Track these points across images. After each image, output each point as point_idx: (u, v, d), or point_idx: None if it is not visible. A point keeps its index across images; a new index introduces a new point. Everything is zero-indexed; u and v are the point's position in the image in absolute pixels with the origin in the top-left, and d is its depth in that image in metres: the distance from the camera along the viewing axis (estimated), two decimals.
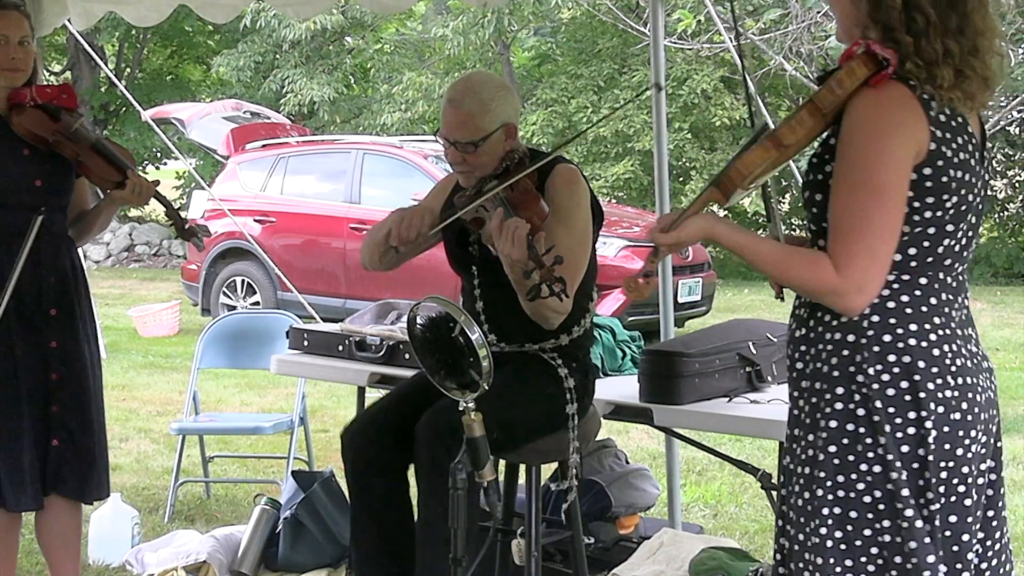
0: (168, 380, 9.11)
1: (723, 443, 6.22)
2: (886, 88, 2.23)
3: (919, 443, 2.23)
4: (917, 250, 2.27)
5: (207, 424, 5.75)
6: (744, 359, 3.97)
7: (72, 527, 3.93)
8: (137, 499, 5.56)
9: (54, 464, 3.76)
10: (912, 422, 2.24)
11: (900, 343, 2.25)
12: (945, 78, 2.22)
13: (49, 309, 3.76)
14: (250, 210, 11.56)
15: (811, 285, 2.26)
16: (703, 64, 16.63)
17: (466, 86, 3.46)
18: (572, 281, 3.30)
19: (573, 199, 3.41)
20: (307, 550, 4.55)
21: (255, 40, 19.86)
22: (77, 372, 3.80)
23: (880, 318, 2.26)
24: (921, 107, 2.22)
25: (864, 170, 2.21)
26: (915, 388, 2.23)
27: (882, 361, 2.25)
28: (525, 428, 3.43)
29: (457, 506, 2.65)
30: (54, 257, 3.78)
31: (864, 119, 2.23)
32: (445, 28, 18.17)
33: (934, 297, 2.28)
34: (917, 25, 2.22)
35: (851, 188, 2.22)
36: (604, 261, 10.14)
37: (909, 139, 2.21)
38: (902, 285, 2.27)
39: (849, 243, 2.21)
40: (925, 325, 2.26)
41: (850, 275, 2.21)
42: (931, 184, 2.23)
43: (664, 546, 4.29)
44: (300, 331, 4.81)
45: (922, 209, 2.24)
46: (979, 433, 2.29)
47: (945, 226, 2.27)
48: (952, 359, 2.26)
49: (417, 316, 2.73)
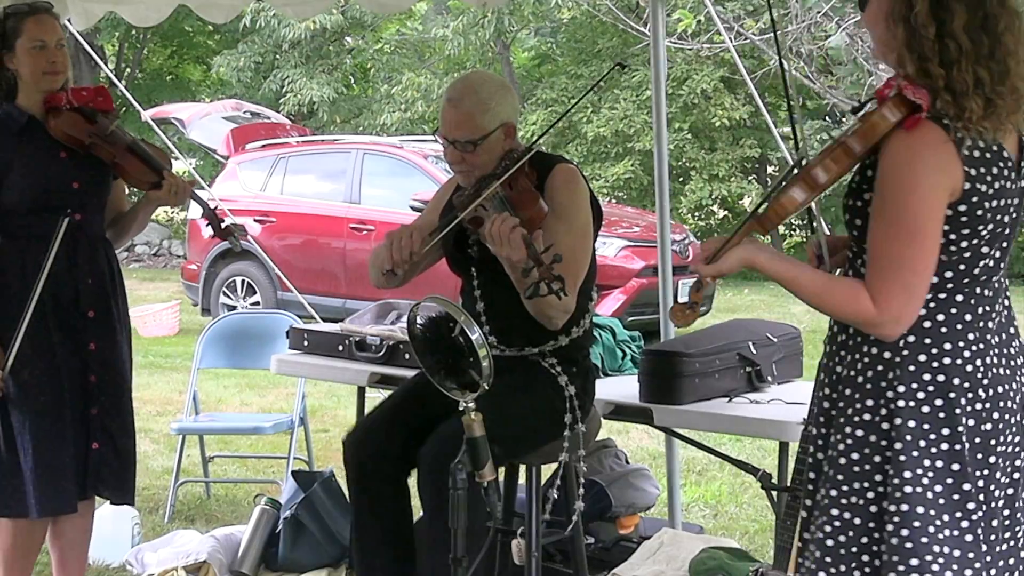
0: (168, 380, 9.10)
1: (723, 443, 6.22)
2: (919, 130, 2.26)
3: (953, 458, 2.29)
4: (954, 273, 2.32)
5: (207, 424, 5.75)
6: (744, 359, 3.97)
7: (85, 530, 3.94)
8: (137, 499, 5.51)
9: (94, 466, 3.76)
10: (946, 438, 2.29)
11: (935, 363, 2.31)
12: (975, 111, 2.25)
13: (87, 311, 3.76)
14: (250, 210, 11.55)
15: (850, 317, 2.34)
16: (703, 64, 16.62)
17: (465, 85, 3.46)
18: (574, 280, 3.30)
19: (573, 198, 3.41)
20: (307, 550, 4.54)
21: (255, 40, 19.85)
22: (115, 374, 3.82)
23: (916, 338, 2.32)
24: (955, 148, 2.26)
25: (900, 212, 2.27)
26: (950, 406, 2.29)
27: (917, 380, 2.31)
28: (526, 443, 3.44)
29: (457, 506, 2.65)
30: (91, 259, 3.79)
31: (899, 163, 2.27)
32: (445, 28, 18.18)
33: (970, 313, 2.33)
34: (950, 54, 2.25)
35: (886, 228, 2.28)
36: (604, 261, 10.15)
37: (943, 181, 2.25)
38: (939, 304, 2.32)
39: (886, 281, 2.28)
40: (959, 343, 2.31)
41: (886, 309, 2.28)
42: (967, 219, 2.28)
43: (664, 546, 4.29)
44: (300, 331, 4.81)
45: (958, 240, 2.30)
46: (1011, 435, 2.34)
47: (981, 249, 2.32)
48: (985, 371, 2.32)
49: (417, 316, 2.73)
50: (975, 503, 2.29)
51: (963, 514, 2.29)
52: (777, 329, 4.21)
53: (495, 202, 3.23)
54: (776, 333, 4.15)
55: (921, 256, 2.27)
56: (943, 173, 2.26)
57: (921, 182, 2.25)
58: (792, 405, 3.75)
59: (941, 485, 2.29)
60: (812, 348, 4.18)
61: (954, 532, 2.29)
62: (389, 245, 3.37)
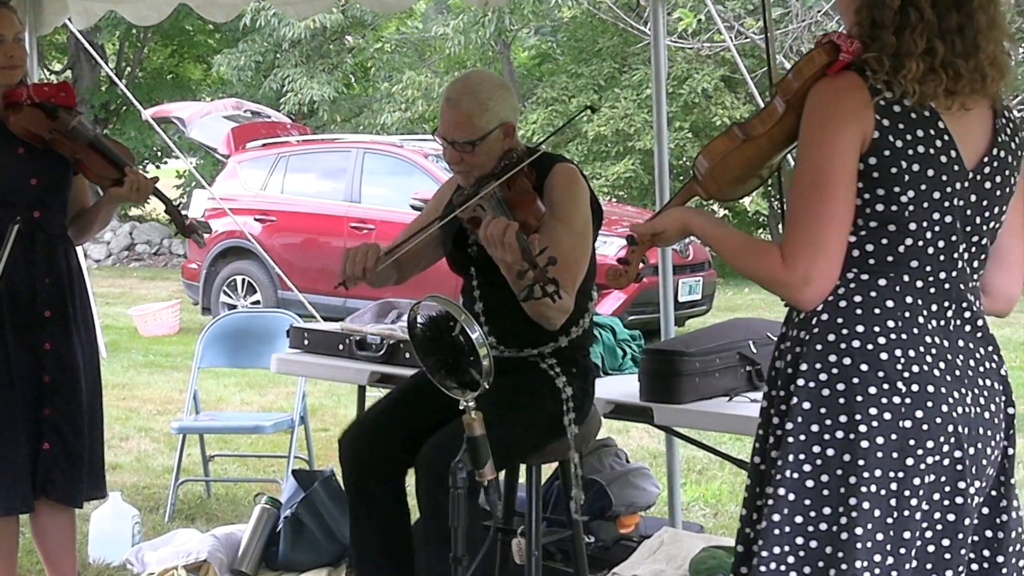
0: (168, 379, 9.10)
1: (723, 442, 6.22)
2: (837, 76, 2.22)
3: (846, 448, 2.17)
4: (875, 247, 2.22)
5: (207, 423, 5.75)
6: (744, 358, 3.96)
7: (67, 529, 3.92)
8: (137, 498, 5.56)
9: (44, 467, 3.73)
10: (842, 426, 2.18)
11: (843, 344, 2.20)
12: (911, 70, 2.17)
13: (43, 311, 3.73)
14: (250, 209, 11.56)
15: (763, 276, 2.26)
16: (703, 63, 16.62)
17: (464, 85, 3.45)
18: (573, 280, 3.30)
19: (572, 198, 3.41)
20: (308, 549, 4.55)
21: (255, 39, 19.84)
22: (70, 375, 3.77)
23: (829, 317, 2.23)
24: (869, 94, 2.19)
25: (809, 159, 2.20)
26: (852, 391, 2.18)
27: (821, 360, 2.21)
28: (523, 448, 3.44)
29: (457, 505, 2.65)
30: (49, 258, 3.75)
31: (812, 108, 2.22)
32: (445, 27, 18.17)
33: (892, 300, 2.21)
34: (909, 20, 2.19)
35: (799, 178, 2.21)
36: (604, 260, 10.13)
37: (852, 127, 2.17)
38: (859, 284, 2.23)
39: (794, 234, 2.20)
40: (875, 328, 2.20)
41: (794, 266, 2.19)
42: (878, 175, 2.19)
43: (664, 545, 4.29)
44: (300, 330, 4.81)
45: (872, 201, 2.20)
46: (950, 447, 2.19)
47: (906, 224, 2.20)
48: (907, 365, 2.19)
49: (417, 315, 2.73)
50: (870, 501, 2.16)
51: (844, 508, 2.16)
52: (778, 328, 4.19)
53: (492, 203, 3.23)
54: (777, 332, 4.14)
55: (831, 208, 2.16)
56: (852, 119, 2.17)
57: (827, 127, 2.18)
58: None
59: (827, 475, 2.17)
60: None
61: (833, 527, 2.17)
62: (344, 259, 3.39)
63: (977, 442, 2.24)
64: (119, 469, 6.25)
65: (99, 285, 14.13)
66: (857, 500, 2.16)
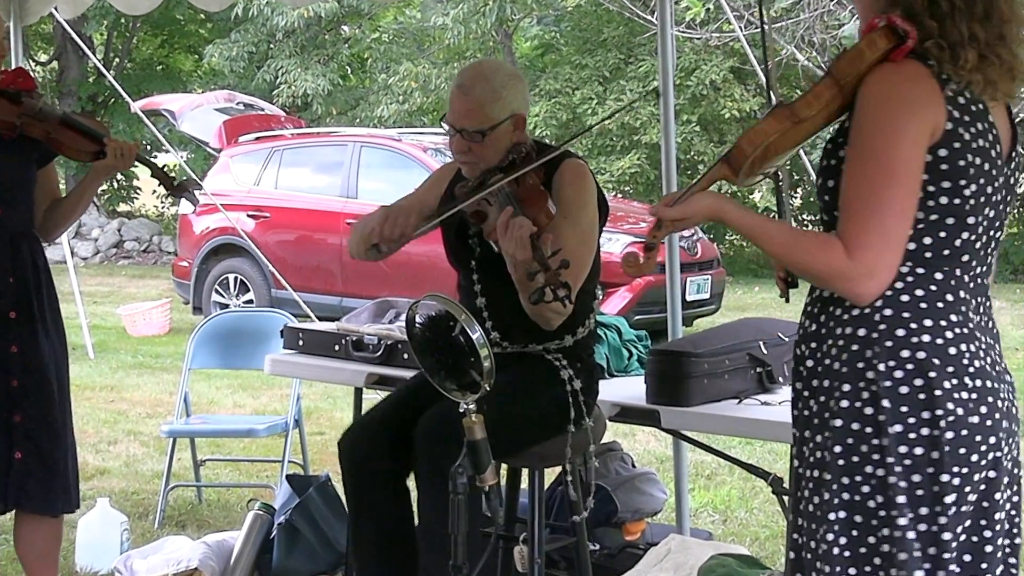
0: (158, 381, 9.11)
1: (733, 446, 6.22)
2: (903, 64, 2.21)
3: (932, 444, 2.19)
4: (933, 240, 2.22)
5: (199, 426, 5.75)
6: (755, 359, 3.96)
7: (49, 538, 3.90)
8: (126, 504, 5.56)
9: (18, 478, 3.69)
10: (926, 422, 2.19)
11: (914, 338, 2.21)
12: (968, 60, 2.19)
13: (8, 312, 3.69)
14: (243, 205, 11.56)
15: (820, 268, 2.22)
16: (712, 54, 16.62)
17: (477, 72, 3.47)
18: (576, 281, 3.30)
19: (580, 196, 3.42)
20: (302, 557, 4.55)
21: (248, 29, 19.86)
22: (39, 378, 3.73)
23: (893, 312, 2.22)
24: (938, 84, 2.19)
25: (876, 148, 2.18)
26: (930, 386, 2.19)
27: (894, 357, 2.21)
28: (527, 435, 3.44)
29: (457, 511, 2.65)
30: (13, 256, 3.71)
31: (878, 94, 2.20)
32: (445, 16, 18.17)
33: (951, 294, 2.24)
34: (941, 9, 2.21)
35: (863, 167, 2.19)
36: (610, 258, 10.14)
37: (924, 117, 2.18)
38: (917, 278, 2.23)
39: (861, 224, 2.17)
40: (941, 321, 2.22)
41: (861, 258, 2.17)
42: (947, 167, 2.20)
43: (672, 553, 4.29)
44: (295, 330, 4.81)
45: (937, 194, 2.20)
46: (999, 440, 2.25)
47: (965, 217, 2.23)
48: (971, 359, 2.22)
49: (416, 315, 2.73)
50: (952, 496, 2.19)
51: (941, 508, 2.19)
52: (789, 328, 4.20)
53: (500, 197, 3.23)
54: (788, 332, 4.15)
55: (899, 198, 2.16)
56: (924, 108, 2.17)
57: (900, 115, 2.17)
58: None
59: (920, 475, 2.19)
60: None
61: (932, 528, 2.20)
62: (383, 219, 3.38)
63: (1011, 437, 2.30)
64: (107, 474, 6.26)
65: (86, 283, 14.15)
66: (952, 497, 2.21)
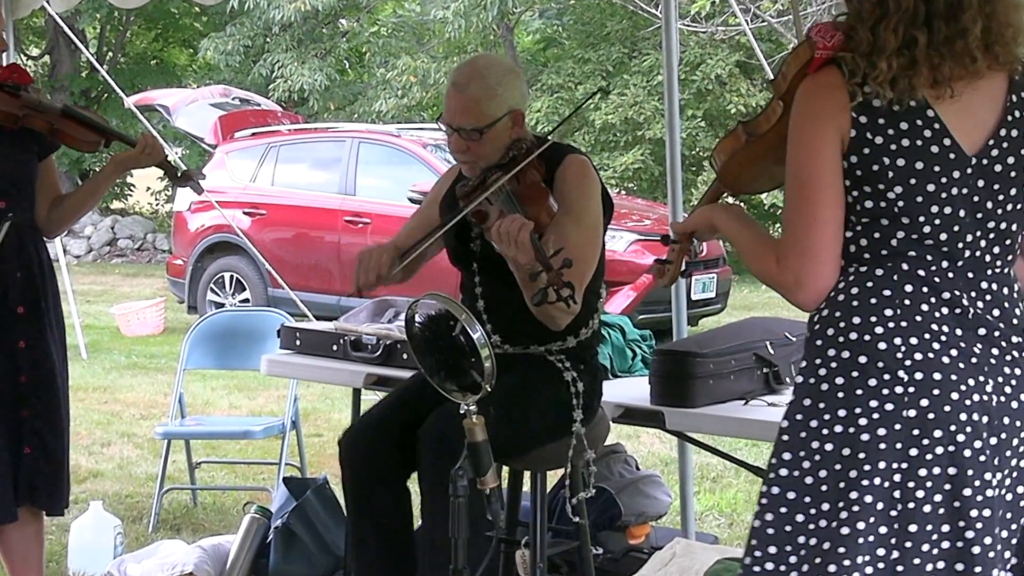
0: (152, 382, 9.11)
1: (739, 448, 6.22)
2: (818, 74, 2.27)
3: (845, 442, 2.22)
4: (868, 241, 2.28)
5: (194, 428, 5.76)
6: (761, 360, 3.96)
7: (35, 539, 3.90)
8: (120, 507, 5.57)
9: (27, 473, 3.73)
10: (840, 420, 2.23)
11: (840, 337, 2.27)
12: (883, 72, 2.20)
13: (16, 307, 3.72)
14: (239, 202, 11.56)
15: (762, 276, 2.36)
16: (718, 48, 16.63)
17: (472, 69, 3.46)
18: (581, 280, 3.30)
19: (584, 192, 3.41)
20: (299, 561, 4.55)
21: (244, 23, 19.86)
22: (46, 374, 3.77)
23: (828, 312, 2.30)
24: (847, 92, 2.23)
25: (794, 161, 2.29)
26: (851, 385, 2.24)
27: (821, 355, 2.28)
28: (530, 437, 3.43)
29: (458, 514, 2.65)
30: (19, 251, 3.74)
31: (795, 107, 2.29)
32: (445, 10, 18.16)
33: (889, 289, 2.26)
34: (887, 10, 2.21)
35: (787, 180, 2.30)
36: (614, 256, 10.14)
37: (829, 126, 2.24)
38: (857, 277, 2.29)
39: (785, 237, 2.30)
40: (871, 318, 2.25)
41: (785, 268, 2.29)
42: (861, 173, 2.24)
43: (676, 557, 4.29)
44: (292, 330, 4.81)
45: (860, 199, 2.26)
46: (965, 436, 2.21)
47: (897, 217, 2.25)
48: (907, 353, 2.23)
49: (416, 314, 2.73)
50: (872, 494, 2.20)
51: (845, 503, 2.21)
52: (796, 328, 4.20)
53: (501, 196, 3.23)
54: (795, 332, 4.15)
55: (811, 210, 2.25)
56: (828, 119, 2.24)
57: (806, 128, 2.25)
58: None
59: (826, 470, 2.23)
60: None
61: (832, 523, 2.22)
62: (358, 264, 3.44)
63: (1000, 432, 2.26)
64: (100, 477, 6.26)
65: (79, 282, 14.15)
66: (858, 494, 2.22)
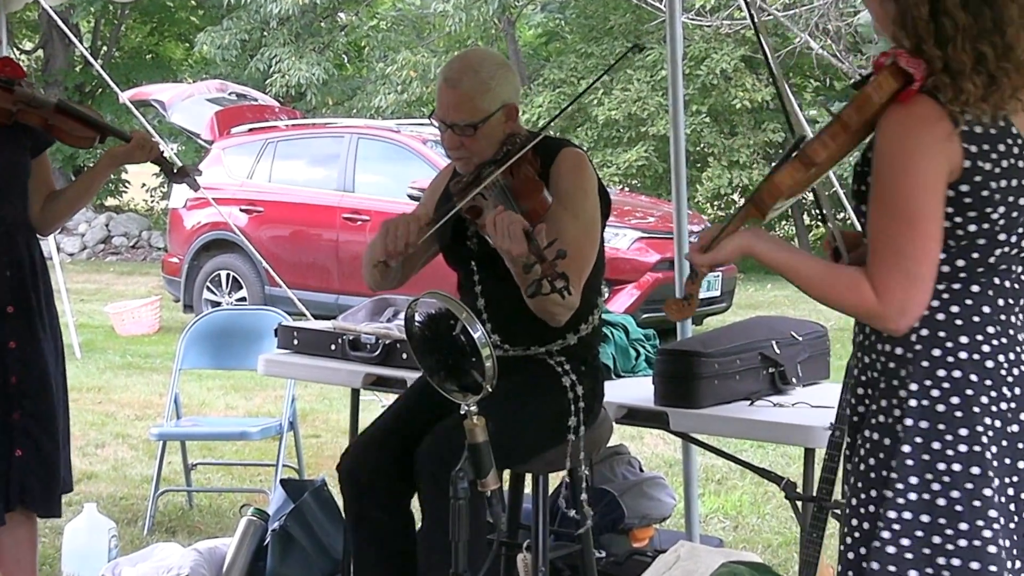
0: (148, 382, 9.12)
1: (744, 450, 6.23)
2: (913, 104, 2.25)
3: (972, 461, 2.26)
4: (966, 261, 2.30)
5: (189, 429, 5.76)
6: (767, 359, 3.96)
7: (28, 542, 3.91)
8: (114, 510, 5.57)
9: (18, 476, 3.72)
10: (964, 439, 2.27)
11: (950, 357, 2.29)
12: (972, 92, 2.22)
13: (6, 306, 3.71)
14: (236, 199, 11.56)
15: (853, 309, 2.32)
16: (723, 42, 16.62)
17: (463, 64, 3.46)
18: (580, 274, 3.30)
19: (580, 185, 3.41)
20: (297, 564, 4.55)
21: (241, 16, 19.86)
22: (38, 375, 3.75)
23: (929, 331, 2.30)
24: (951, 122, 2.23)
25: (895, 196, 2.26)
26: (968, 404, 2.27)
27: (931, 377, 2.29)
28: (531, 441, 3.43)
29: (458, 517, 2.65)
30: (9, 249, 3.73)
31: (892, 140, 2.26)
32: (445, 3, 18.18)
33: (988, 305, 2.30)
34: (946, 32, 2.23)
35: (883, 213, 2.27)
36: (616, 254, 10.16)
37: (939, 159, 2.23)
38: (952, 295, 2.30)
39: (885, 268, 2.27)
40: (977, 336, 2.29)
41: (889, 300, 2.26)
42: (970, 200, 2.26)
43: (681, 560, 4.28)
44: (289, 329, 4.81)
45: (965, 224, 2.27)
46: None
47: (996, 236, 2.29)
48: (1010, 368, 2.29)
49: (415, 313, 2.73)
50: (997, 510, 2.26)
51: (985, 522, 2.26)
52: (802, 327, 4.21)
53: (495, 191, 3.23)
54: (801, 332, 4.15)
55: (921, 242, 2.24)
56: (938, 151, 2.23)
57: (914, 161, 2.24)
58: (818, 409, 3.75)
59: (958, 491, 2.26)
60: (840, 347, 4.19)
61: (974, 541, 2.26)
62: (384, 234, 3.36)
63: None
64: (95, 478, 6.26)
65: (73, 280, 14.16)
66: (996, 512, 2.27)
